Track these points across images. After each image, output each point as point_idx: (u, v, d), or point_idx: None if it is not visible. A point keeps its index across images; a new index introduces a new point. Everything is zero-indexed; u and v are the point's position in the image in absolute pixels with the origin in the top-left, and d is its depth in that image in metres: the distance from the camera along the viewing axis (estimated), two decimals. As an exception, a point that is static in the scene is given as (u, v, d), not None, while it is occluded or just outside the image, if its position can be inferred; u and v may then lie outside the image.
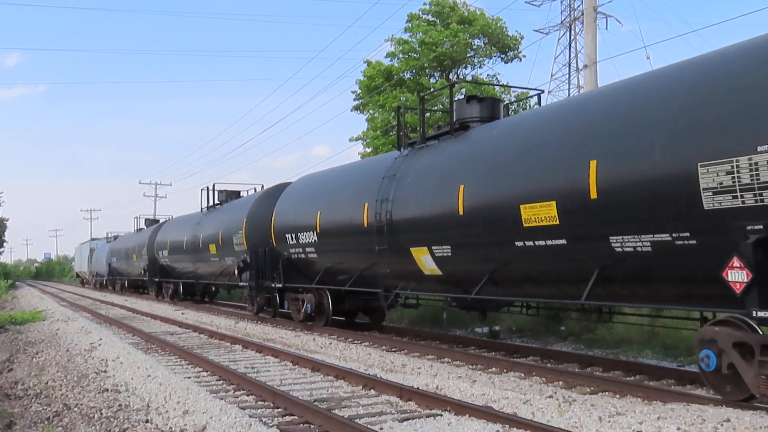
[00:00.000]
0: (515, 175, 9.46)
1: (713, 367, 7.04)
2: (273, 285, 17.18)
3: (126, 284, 39.69)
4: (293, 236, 15.80)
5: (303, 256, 15.73)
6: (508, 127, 10.82)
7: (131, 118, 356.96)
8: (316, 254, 15.15)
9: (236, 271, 18.79)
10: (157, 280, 30.36)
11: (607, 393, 8.20)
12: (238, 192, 24.43)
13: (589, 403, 7.22)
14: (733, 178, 6.55)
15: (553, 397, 7.56)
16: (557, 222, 8.58)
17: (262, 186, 22.90)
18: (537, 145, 9.31)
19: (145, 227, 38.15)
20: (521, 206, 9.07)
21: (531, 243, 9.12)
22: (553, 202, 8.60)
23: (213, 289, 26.77)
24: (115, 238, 46.09)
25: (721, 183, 6.66)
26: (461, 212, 10.22)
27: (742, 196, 6.52)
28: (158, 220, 38.79)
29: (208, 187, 24.88)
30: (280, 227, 16.66)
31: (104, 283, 46.81)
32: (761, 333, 6.70)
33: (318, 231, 14.65)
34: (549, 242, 8.82)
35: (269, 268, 17.29)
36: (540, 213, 8.82)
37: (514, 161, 9.62)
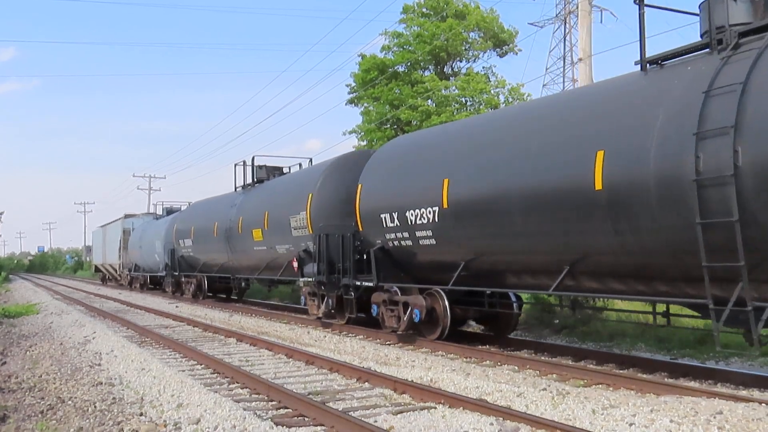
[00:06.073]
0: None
1: None
2: None
3: (205, 286, 23.14)
4: None
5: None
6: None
7: (124, 111, 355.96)
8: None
9: None
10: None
11: (600, 386, 8.24)
12: None
13: (582, 396, 7.25)
14: None
15: (547, 390, 7.59)
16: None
17: None
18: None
19: (256, 182, 19.56)
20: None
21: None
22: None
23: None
24: (170, 211, 30.35)
25: None
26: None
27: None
28: (279, 169, 19.81)
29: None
30: None
31: (148, 281, 31.29)
32: None
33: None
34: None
35: None
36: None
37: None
